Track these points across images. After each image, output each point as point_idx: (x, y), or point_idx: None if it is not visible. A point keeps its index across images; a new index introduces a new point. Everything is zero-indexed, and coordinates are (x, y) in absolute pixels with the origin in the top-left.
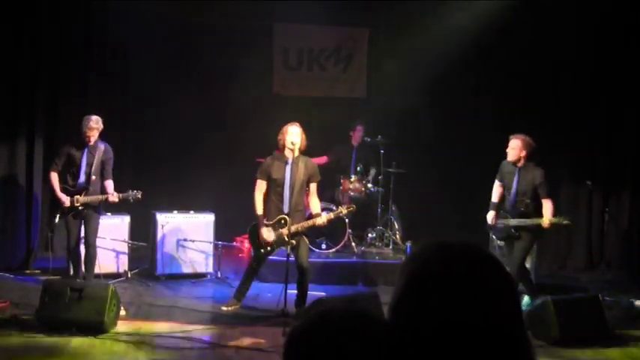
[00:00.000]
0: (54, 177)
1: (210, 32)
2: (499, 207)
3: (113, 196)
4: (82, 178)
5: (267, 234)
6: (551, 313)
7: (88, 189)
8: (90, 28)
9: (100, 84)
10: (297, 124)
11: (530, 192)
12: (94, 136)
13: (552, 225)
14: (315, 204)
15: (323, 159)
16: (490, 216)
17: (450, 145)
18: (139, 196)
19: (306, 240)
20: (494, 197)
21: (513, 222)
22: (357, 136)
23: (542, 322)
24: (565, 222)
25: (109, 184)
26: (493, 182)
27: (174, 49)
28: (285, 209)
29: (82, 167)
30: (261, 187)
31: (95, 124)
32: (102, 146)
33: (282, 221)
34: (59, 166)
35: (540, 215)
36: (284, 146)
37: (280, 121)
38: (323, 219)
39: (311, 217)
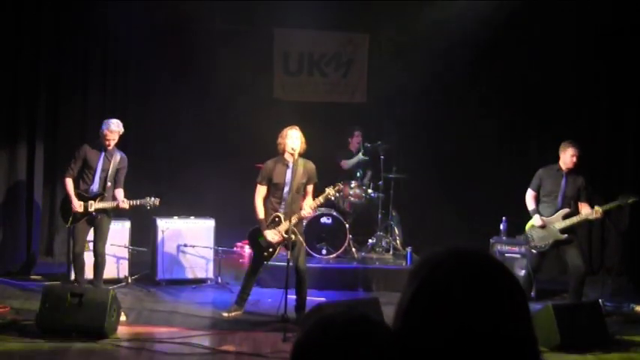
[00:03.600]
0: (69, 183)
1: (210, 36)
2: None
3: (124, 203)
4: (97, 183)
5: (272, 236)
6: (551, 318)
7: (104, 195)
8: (90, 30)
9: (99, 87)
10: (297, 127)
11: (576, 196)
12: (114, 139)
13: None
14: (306, 204)
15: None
16: (538, 220)
17: (451, 150)
18: (157, 202)
19: (304, 243)
20: (534, 204)
21: (562, 224)
22: (355, 142)
23: (542, 327)
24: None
25: (119, 193)
26: (492, 187)
27: (175, 53)
28: (282, 211)
29: (97, 172)
30: (261, 192)
31: (116, 127)
32: (118, 155)
33: (277, 219)
34: (74, 172)
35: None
36: (284, 150)
37: (281, 127)
38: (306, 209)
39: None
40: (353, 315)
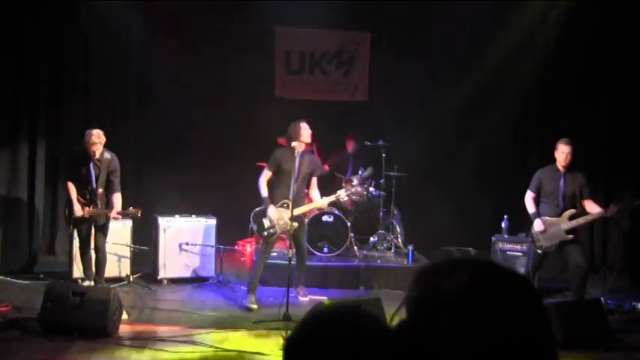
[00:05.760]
0: (70, 186)
1: (212, 35)
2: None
3: (115, 214)
4: (91, 190)
5: (276, 213)
6: (553, 316)
7: (97, 203)
8: (91, 29)
9: (101, 86)
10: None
11: (578, 194)
12: (98, 150)
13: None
14: (316, 195)
15: (325, 167)
16: (539, 225)
17: (452, 148)
18: (139, 214)
19: (306, 227)
20: (533, 207)
21: (569, 225)
22: (350, 144)
23: None
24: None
25: (117, 198)
26: (494, 185)
27: (176, 52)
28: (290, 197)
29: (92, 181)
30: (267, 175)
31: (97, 138)
32: (108, 156)
33: (285, 205)
34: (72, 176)
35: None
36: (295, 139)
37: (282, 125)
38: (324, 201)
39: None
40: (345, 310)
